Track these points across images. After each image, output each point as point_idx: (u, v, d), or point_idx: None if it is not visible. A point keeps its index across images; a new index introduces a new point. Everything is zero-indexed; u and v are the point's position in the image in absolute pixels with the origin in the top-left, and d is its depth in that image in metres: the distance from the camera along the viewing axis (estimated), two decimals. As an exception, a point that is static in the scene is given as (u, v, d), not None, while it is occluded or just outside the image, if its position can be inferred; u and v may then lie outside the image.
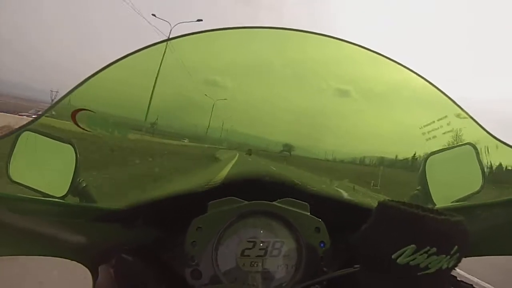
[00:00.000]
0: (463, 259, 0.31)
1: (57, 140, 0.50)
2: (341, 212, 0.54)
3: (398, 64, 0.53)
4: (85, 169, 0.53)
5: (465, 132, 0.53)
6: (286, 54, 0.63)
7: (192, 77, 0.57)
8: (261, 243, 0.47)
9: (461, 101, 0.52)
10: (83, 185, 0.52)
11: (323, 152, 0.68)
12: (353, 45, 0.53)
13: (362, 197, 0.60)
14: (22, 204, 0.40)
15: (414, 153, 0.61)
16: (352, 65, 0.60)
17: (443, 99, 0.53)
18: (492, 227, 0.45)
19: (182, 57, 0.53)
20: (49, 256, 0.44)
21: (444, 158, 0.56)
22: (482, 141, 0.52)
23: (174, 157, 0.70)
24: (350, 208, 0.55)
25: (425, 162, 0.57)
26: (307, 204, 0.50)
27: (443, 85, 0.52)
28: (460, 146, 0.54)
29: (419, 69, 0.53)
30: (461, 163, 0.56)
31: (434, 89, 0.53)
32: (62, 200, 0.49)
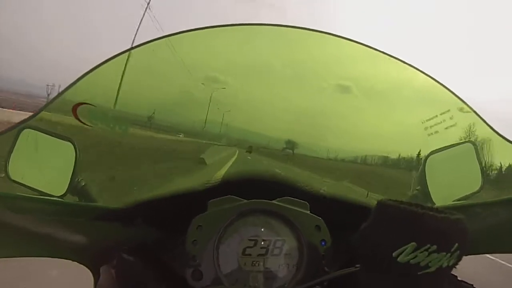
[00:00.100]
0: (463, 259, 0.31)
1: (57, 138, 0.49)
2: (341, 212, 0.54)
3: (400, 61, 0.52)
4: (85, 167, 0.53)
5: (468, 127, 0.53)
6: (287, 53, 0.62)
7: (192, 75, 0.56)
8: (263, 242, 0.47)
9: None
10: (82, 184, 0.52)
11: (324, 151, 0.68)
12: (354, 43, 0.53)
13: (362, 197, 0.60)
14: (22, 203, 0.40)
15: (418, 152, 0.60)
16: (353, 63, 0.60)
17: (446, 94, 0.52)
18: (492, 226, 0.45)
19: (182, 54, 0.52)
20: (49, 257, 0.44)
21: (444, 157, 0.55)
22: (485, 137, 0.51)
23: (173, 154, 0.69)
24: (350, 208, 0.55)
25: (425, 162, 0.57)
26: (307, 203, 0.50)
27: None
28: (460, 144, 0.54)
29: (419, 68, 0.53)
30: (461, 162, 0.55)
31: (437, 85, 0.52)
32: (61, 199, 0.49)
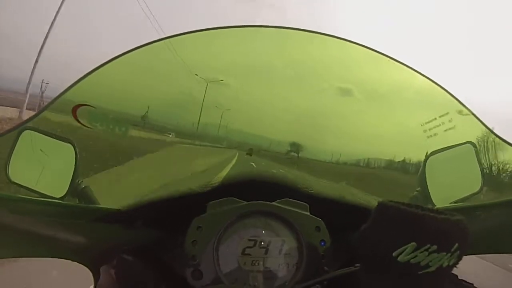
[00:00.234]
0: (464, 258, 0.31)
1: (58, 139, 0.49)
2: (341, 213, 0.54)
3: (401, 64, 0.52)
4: (85, 169, 0.53)
5: (467, 129, 0.53)
6: (288, 54, 0.62)
7: (194, 76, 0.56)
8: (262, 242, 0.47)
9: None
10: (82, 186, 0.51)
11: (325, 154, 0.68)
12: (356, 45, 0.53)
13: (362, 198, 0.60)
14: (22, 205, 0.40)
15: (418, 154, 0.60)
16: (354, 65, 0.60)
17: (445, 97, 0.52)
18: (492, 227, 0.45)
19: (183, 55, 0.52)
20: (50, 257, 0.44)
21: (444, 158, 0.55)
22: (484, 139, 0.52)
23: (173, 155, 0.69)
24: (350, 209, 0.55)
25: (425, 163, 0.57)
26: (307, 204, 0.50)
27: (443, 85, 0.52)
28: (460, 145, 0.54)
29: (419, 70, 0.53)
30: (461, 163, 0.55)
31: (436, 87, 0.52)
32: (61, 201, 0.49)
